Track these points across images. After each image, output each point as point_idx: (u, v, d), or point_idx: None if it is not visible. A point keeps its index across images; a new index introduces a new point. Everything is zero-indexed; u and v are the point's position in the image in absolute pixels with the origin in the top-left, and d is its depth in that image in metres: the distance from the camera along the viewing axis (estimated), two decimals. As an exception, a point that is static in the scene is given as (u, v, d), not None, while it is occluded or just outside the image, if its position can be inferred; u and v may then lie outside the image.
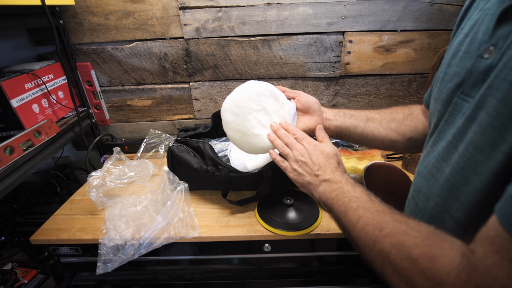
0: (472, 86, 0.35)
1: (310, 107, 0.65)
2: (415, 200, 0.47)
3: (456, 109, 0.37)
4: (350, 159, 0.89)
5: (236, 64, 1.03)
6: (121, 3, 0.93)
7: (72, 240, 0.72)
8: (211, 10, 0.94)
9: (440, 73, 0.45)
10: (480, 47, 0.35)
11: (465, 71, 0.37)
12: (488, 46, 0.34)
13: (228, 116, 0.65)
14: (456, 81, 0.38)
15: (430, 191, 0.42)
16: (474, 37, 0.37)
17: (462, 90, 0.37)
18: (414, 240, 0.34)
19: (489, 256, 0.26)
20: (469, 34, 0.38)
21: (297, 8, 0.93)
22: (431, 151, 0.43)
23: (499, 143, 0.29)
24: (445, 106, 0.40)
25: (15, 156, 0.69)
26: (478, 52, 0.35)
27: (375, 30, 0.97)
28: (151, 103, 1.11)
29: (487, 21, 0.35)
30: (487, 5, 0.37)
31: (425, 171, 0.43)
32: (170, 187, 0.77)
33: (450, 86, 0.39)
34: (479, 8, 0.39)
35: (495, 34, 0.33)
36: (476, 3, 0.41)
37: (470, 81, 0.35)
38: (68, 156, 1.20)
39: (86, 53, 1.01)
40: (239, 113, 0.64)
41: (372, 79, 1.06)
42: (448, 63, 0.42)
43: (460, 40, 0.40)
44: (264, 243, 0.73)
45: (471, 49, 0.37)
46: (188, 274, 0.81)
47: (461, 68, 0.38)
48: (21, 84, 0.78)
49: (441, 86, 0.42)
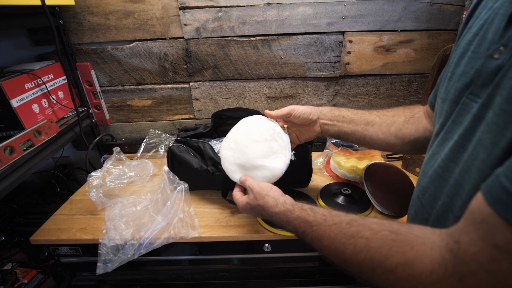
0: (481, 86, 0.35)
1: (306, 119, 0.66)
2: (420, 200, 0.46)
3: (464, 109, 0.37)
4: (350, 159, 0.89)
5: (236, 64, 1.03)
6: (121, 3, 0.93)
7: (72, 240, 0.72)
8: (211, 10, 0.94)
9: (447, 72, 0.44)
10: (490, 47, 0.34)
11: (474, 71, 0.36)
12: (498, 46, 0.33)
13: (226, 152, 0.69)
14: (464, 81, 0.38)
15: (437, 191, 0.41)
16: (484, 37, 0.36)
17: (470, 90, 0.37)
18: (379, 252, 0.35)
19: (474, 244, 0.27)
20: (478, 34, 0.38)
21: (297, 8, 0.93)
22: (437, 151, 0.43)
23: (500, 140, 0.29)
24: (453, 106, 0.40)
25: (15, 156, 0.69)
26: (488, 52, 0.35)
27: (375, 30, 0.97)
28: (151, 103, 1.11)
29: (498, 21, 0.35)
30: (496, 4, 0.36)
31: (431, 171, 0.43)
32: (170, 187, 0.77)
33: (458, 86, 0.39)
34: (488, 7, 0.38)
35: (505, 34, 0.33)
36: (485, 1, 0.40)
37: (479, 81, 0.35)
38: (68, 156, 1.20)
39: (86, 53, 1.01)
40: (237, 148, 0.67)
41: (372, 79, 1.06)
42: (456, 62, 0.41)
43: (469, 39, 0.39)
44: (264, 243, 0.73)
45: (481, 49, 0.36)
46: (188, 274, 0.81)
47: (469, 68, 0.37)
48: (21, 84, 0.78)
49: (448, 85, 0.42)
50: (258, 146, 0.65)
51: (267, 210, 0.56)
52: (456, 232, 0.30)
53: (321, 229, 0.44)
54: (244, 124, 0.69)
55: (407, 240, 0.34)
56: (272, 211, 0.55)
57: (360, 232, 0.38)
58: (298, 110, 0.65)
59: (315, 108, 0.66)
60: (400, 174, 0.82)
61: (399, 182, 0.80)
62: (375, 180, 0.79)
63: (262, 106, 1.11)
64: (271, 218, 0.56)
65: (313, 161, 0.93)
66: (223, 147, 0.70)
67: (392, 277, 0.33)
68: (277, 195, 0.57)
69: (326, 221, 0.44)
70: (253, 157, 0.65)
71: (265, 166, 0.64)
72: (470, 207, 0.29)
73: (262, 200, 0.57)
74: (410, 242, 0.33)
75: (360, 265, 0.37)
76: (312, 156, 0.88)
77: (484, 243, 0.26)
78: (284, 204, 0.54)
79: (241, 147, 0.66)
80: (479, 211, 0.28)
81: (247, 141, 0.66)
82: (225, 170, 0.69)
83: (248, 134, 0.67)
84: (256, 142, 0.66)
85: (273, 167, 0.64)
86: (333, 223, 0.43)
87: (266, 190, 0.59)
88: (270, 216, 0.56)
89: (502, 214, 0.25)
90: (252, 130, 0.67)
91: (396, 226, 0.36)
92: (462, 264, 0.28)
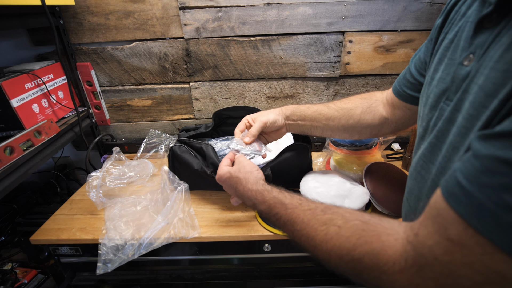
0: (454, 92, 0.36)
1: (276, 127, 0.70)
2: (408, 202, 0.48)
3: (442, 114, 0.38)
4: (350, 159, 0.89)
5: (236, 64, 1.03)
6: (121, 3, 0.93)
7: (72, 240, 0.72)
8: (211, 10, 0.94)
9: (427, 77, 0.45)
10: (461, 55, 0.36)
11: (450, 78, 0.38)
12: (467, 53, 0.35)
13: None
14: (442, 87, 0.39)
15: (420, 192, 0.43)
16: (457, 44, 0.38)
17: (447, 96, 0.38)
18: (349, 241, 0.35)
19: (430, 237, 0.28)
20: (453, 41, 0.39)
21: (297, 8, 0.93)
22: (420, 153, 0.44)
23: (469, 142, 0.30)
24: (432, 111, 0.41)
25: (15, 156, 0.69)
26: (459, 59, 0.36)
27: (375, 30, 0.97)
28: (151, 103, 1.11)
29: (468, 29, 0.36)
30: (468, 12, 0.38)
31: (415, 173, 0.44)
32: (170, 187, 0.77)
33: (436, 92, 0.40)
34: (461, 13, 0.40)
35: (473, 42, 0.34)
36: (458, 6, 0.41)
37: (453, 88, 0.37)
38: (68, 156, 1.20)
39: (86, 53, 1.01)
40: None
41: (372, 79, 1.06)
42: (435, 68, 0.43)
43: (446, 46, 0.41)
44: (264, 243, 0.73)
45: (455, 56, 0.38)
46: (188, 274, 0.81)
47: (446, 74, 0.39)
48: (21, 84, 0.78)
49: (428, 91, 0.43)
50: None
51: (245, 185, 0.56)
52: (416, 225, 0.31)
53: (296, 212, 0.44)
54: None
55: (375, 230, 0.35)
56: (248, 187, 0.55)
57: (333, 220, 0.39)
58: (269, 122, 0.69)
59: (279, 113, 0.71)
60: (400, 174, 0.82)
61: (399, 182, 0.80)
62: (375, 180, 0.79)
63: (262, 106, 1.11)
64: (244, 194, 0.56)
65: (313, 161, 0.93)
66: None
67: (358, 266, 0.34)
68: (259, 176, 0.58)
69: (302, 206, 0.44)
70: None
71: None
72: (430, 202, 0.30)
73: (245, 174, 0.58)
74: (377, 232, 0.34)
75: (329, 253, 0.37)
76: (312, 156, 0.88)
77: (439, 236, 0.27)
78: (263, 184, 0.55)
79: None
80: (435, 206, 0.29)
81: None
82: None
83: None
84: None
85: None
86: (308, 208, 0.43)
87: (252, 168, 0.59)
88: (244, 191, 0.56)
89: (455, 207, 0.26)
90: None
91: (367, 216, 0.38)
92: (420, 256, 0.29)
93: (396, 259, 0.31)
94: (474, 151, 0.26)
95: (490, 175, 0.24)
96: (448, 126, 0.36)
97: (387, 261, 0.32)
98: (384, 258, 0.32)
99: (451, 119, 0.36)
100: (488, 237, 0.24)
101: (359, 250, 0.34)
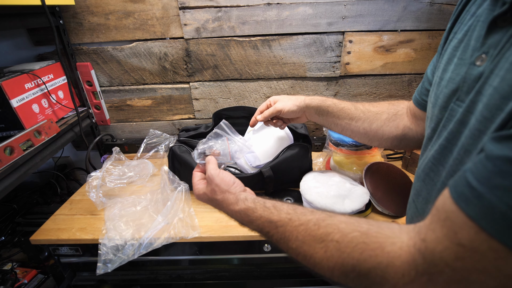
0: (466, 92, 0.35)
1: (294, 116, 0.70)
2: (415, 204, 0.47)
3: (452, 115, 0.38)
4: (350, 159, 0.89)
5: (236, 64, 1.03)
6: (121, 3, 0.93)
7: (72, 240, 0.72)
8: (211, 10, 0.94)
9: (436, 77, 0.45)
10: (473, 54, 0.35)
11: (460, 78, 0.37)
12: (480, 53, 0.34)
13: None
14: (451, 87, 0.39)
15: (428, 195, 0.42)
16: (468, 44, 0.37)
17: (457, 97, 0.37)
18: (352, 256, 0.34)
19: (440, 242, 0.27)
20: (463, 40, 0.39)
21: (297, 8, 0.93)
22: (429, 155, 0.43)
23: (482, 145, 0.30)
24: (442, 112, 0.40)
25: (15, 156, 0.69)
26: (471, 59, 0.35)
27: (375, 30, 0.97)
28: (151, 103, 1.11)
29: (479, 28, 0.35)
30: (479, 11, 0.37)
31: (423, 175, 0.44)
32: (170, 187, 0.77)
33: (446, 92, 0.40)
34: (471, 13, 0.39)
35: (486, 42, 0.33)
36: (468, 6, 0.41)
37: (464, 88, 0.36)
38: (68, 156, 1.20)
39: (86, 53, 1.01)
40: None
41: (372, 79, 1.06)
42: (444, 68, 0.42)
43: (455, 45, 0.40)
44: (264, 243, 0.73)
45: (465, 56, 0.37)
46: (188, 274, 0.81)
47: (455, 74, 0.38)
48: (21, 84, 0.78)
49: (437, 91, 0.42)
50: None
51: (227, 207, 0.51)
52: (423, 229, 0.30)
53: (288, 230, 0.41)
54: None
55: (378, 241, 0.33)
56: (232, 209, 0.50)
57: (329, 235, 0.37)
58: (285, 110, 0.68)
59: (300, 103, 0.69)
60: (400, 174, 0.82)
61: (399, 182, 0.80)
62: (375, 180, 0.78)
63: (262, 106, 1.11)
64: (230, 215, 0.51)
65: (313, 161, 0.93)
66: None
67: (366, 281, 0.33)
68: (238, 190, 0.51)
69: (292, 221, 0.41)
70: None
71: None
72: (436, 204, 0.29)
73: (222, 195, 0.51)
74: (380, 243, 0.33)
75: (331, 270, 0.36)
76: (312, 156, 0.88)
77: (449, 241, 0.26)
78: (245, 201, 0.48)
79: None
80: (444, 208, 0.28)
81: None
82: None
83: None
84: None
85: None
86: (299, 224, 0.40)
87: (227, 185, 0.52)
88: (229, 213, 0.51)
89: (464, 209, 0.25)
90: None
91: (366, 226, 0.35)
92: (430, 264, 0.28)
93: (405, 270, 0.30)
94: (487, 152, 0.25)
95: (502, 176, 0.23)
96: (460, 128, 0.35)
97: (395, 274, 0.30)
98: (392, 270, 0.31)
99: (463, 121, 0.34)
100: (501, 241, 0.23)
101: (364, 266, 0.33)
